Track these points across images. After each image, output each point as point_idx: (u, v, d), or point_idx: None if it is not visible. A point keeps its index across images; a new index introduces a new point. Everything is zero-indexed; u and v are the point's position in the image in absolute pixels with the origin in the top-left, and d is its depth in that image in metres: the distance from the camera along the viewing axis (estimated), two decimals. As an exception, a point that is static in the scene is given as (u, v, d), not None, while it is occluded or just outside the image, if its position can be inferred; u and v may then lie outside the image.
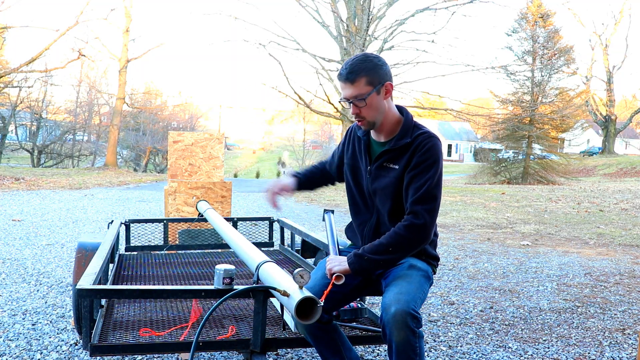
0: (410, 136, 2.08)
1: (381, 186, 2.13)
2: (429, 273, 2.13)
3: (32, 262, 5.36)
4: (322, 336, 2.16)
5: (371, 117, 2.08)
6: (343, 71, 2.06)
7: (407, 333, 1.84)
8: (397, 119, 2.14)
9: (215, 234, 4.19)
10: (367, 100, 2.04)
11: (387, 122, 2.12)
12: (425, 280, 2.07)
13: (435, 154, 2.05)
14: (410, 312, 1.85)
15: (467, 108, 22.12)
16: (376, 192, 2.16)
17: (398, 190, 2.09)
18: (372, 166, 2.17)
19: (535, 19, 27.82)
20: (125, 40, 26.80)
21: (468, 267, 5.57)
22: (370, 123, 2.10)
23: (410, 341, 1.84)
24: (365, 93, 2.03)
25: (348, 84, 2.05)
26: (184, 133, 5.48)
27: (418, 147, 2.05)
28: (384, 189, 2.12)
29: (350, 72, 2.03)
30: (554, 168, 26.87)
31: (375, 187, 2.15)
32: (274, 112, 52.52)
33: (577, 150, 43.06)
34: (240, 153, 62.38)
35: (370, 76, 2.03)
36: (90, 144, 35.53)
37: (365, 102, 2.04)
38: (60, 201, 11.10)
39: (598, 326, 3.71)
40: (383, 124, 2.12)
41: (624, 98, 55.41)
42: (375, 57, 2.07)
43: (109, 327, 2.32)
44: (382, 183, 2.13)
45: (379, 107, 2.07)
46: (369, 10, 18.22)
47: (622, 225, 8.90)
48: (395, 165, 2.10)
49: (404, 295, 1.90)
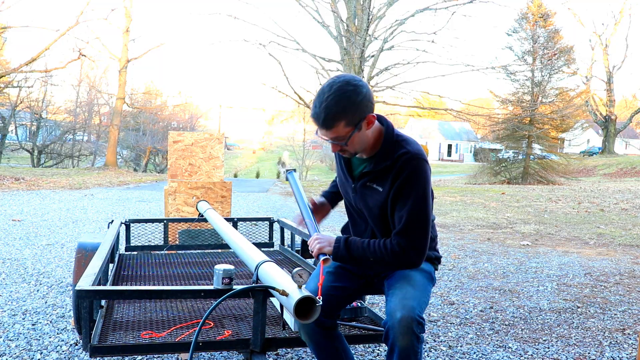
0: (392, 157, 1.91)
1: (368, 206, 2.03)
2: (432, 274, 2.11)
3: (32, 262, 5.36)
4: (324, 345, 2.11)
5: (354, 151, 1.94)
6: (317, 115, 1.83)
7: (411, 339, 1.82)
8: (378, 136, 1.95)
9: (215, 234, 4.19)
10: (348, 142, 1.88)
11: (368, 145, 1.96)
12: (429, 282, 2.06)
13: (417, 179, 1.88)
14: (416, 318, 1.82)
15: (467, 108, 22.14)
16: (364, 210, 2.06)
17: (385, 211, 1.98)
18: (356, 184, 2.04)
19: (535, 19, 27.84)
20: (125, 40, 26.82)
21: (468, 267, 5.57)
22: (353, 154, 1.97)
23: (414, 346, 1.84)
24: (347, 135, 1.85)
25: (324, 129, 1.85)
26: (184, 133, 5.48)
27: (400, 171, 1.89)
28: (371, 209, 2.02)
29: (326, 119, 1.82)
30: (554, 168, 26.88)
31: (363, 206, 2.05)
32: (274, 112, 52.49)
33: (577, 150, 43.06)
34: (240, 153, 62.40)
35: (348, 117, 1.81)
36: (90, 144, 35.56)
37: (346, 143, 1.88)
38: (60, 201, 11.10)
39: (598, 326, 3.71)
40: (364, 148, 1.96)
41: (624, 98, 55.45)
42: (352, 90, 1.81)
43: (109, 327, 2.32)
44: (368, 203, 2.02)
45: (362, 141, 1.91)
46: (369, 10, 18.23)
47: (622, 225, 8.90)
48: (379, 187, 1.96)
49: (409, 300, 1.87)
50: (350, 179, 2.07)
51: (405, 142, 1.94)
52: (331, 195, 2.39)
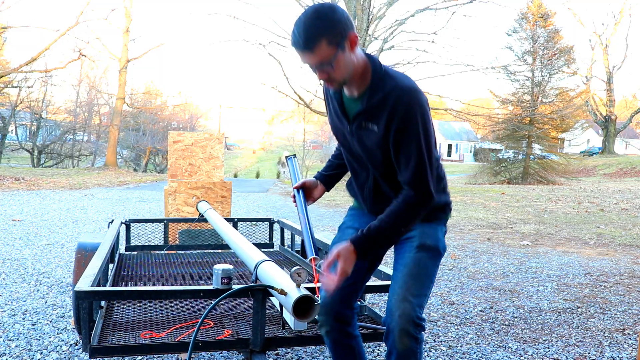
0: (383, 90, 1.82)
1: (367, 148, 1.91)
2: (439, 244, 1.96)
3: (32, 262, 5.36)
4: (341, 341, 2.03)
5: (341, 77, 1.83)
6: (297, 40, 1.77)
7: (410, 341, 1.79)
8: (364, 67, 1.86)
9: (215, 235, 4.19)
10: (334, 64, 1.77)
11: (355, 74, 1.85)
12: (434, 263, 1.94)
13: (414, 116, 1.77)
14: (413, 320, 1.78)
15: (467, 108, 22.14)
16: (363, 154, 1.94)
17: (385, 152, 1.87)
18: (352, 127, 1.93)
19: (535, 19, 27.85)
20: (125, 40, 26.83)
21: (468, 267, 5.57)
22: (340, 83, 1.86)
23: (412, 348, 1.80)
24: (331, 56, 1.75)
25: (307, 52, 1.77)
26: (184, 133, 5.48)
27: (394, 110, 1.79)
28: (371, 152, 1.91)
29: (307, 40, 1.74)
30: (554, 168, 26.89)
31: (361, 149, 1.94)
32: (274, 112, 52.56)
33: (577, 150, 43.07)
34: (240, 153, 62.40)
35: (329, 36, 1.73)
36: (90, 144, 35.57)
37: (332, 65, 1.78)
38: (60, 201, 11.10)
39: (598, 326, 3.71)
40: (352, 76, 1.85)
41: (624, 98, 55.44)
42: (328, 8, 1.76)
43: (109, 328, 2.32)
44: (366, 144, 1.91)
45: (348, 64, 1.80)
46: (369, 10, 18.24)
47: (622, 225, 8.90)
48: (374, 126, 1.86)
49: (408, 297, 1.82)
50: (346, 121, 1.96)
51: (395, 75, 1.85)
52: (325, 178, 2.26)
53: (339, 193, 13.68)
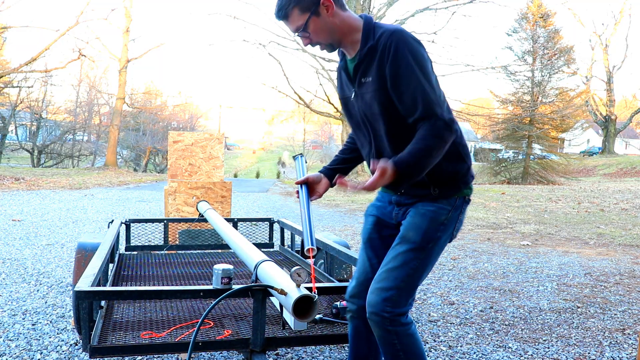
0: (373, 39, 1.86)
1: (367, 106, 1.92)
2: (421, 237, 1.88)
3: (32, 262, 5.36)
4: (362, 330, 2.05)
5: (325, 39, 1.92)
6: (275, 10, 1.93)
7: (379, 331, 1.84)
8: (356, 27, 1.92)
9: (215, 235, 4.19)
10: (309, 28, 1.88)
11: (348, 35, 1.92)
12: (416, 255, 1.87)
13: (402, 50, 1.79)
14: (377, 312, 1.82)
15: (467, 108, 22.15)
16: (366, 115, 1.95)
17: (383, 106, 1.87)
18: (356, 89, 1.96)
19: (535, 19, 27.83)
20: (125, 40, 26.84)
21: (468, 267, 5.57)
22: (328, 45, 1.95)
23: (385, 338, 1.84)
24: (304, 22, 1.88)
25: (284, 21, 1.93)
26: (184, 133, 5.48)
27: (384, 52, 1.81)
28: (370, 108, 1.91)
29: (280, 9, 1.90)
30: (554, 168, 26.88)
31: (364, 110, 1.94)
32: (274, 112, 52.57)
33: (577, 150, 43.06)
34: (240, 153, 62.39)
35: (300, 4, 1.86)
36: (90, 144, 35.57)
37: (308, 29, 1.89)
38: (60, 201, 11.10)
39: (598, 326, 3.71)
40: (344, 39, 1.93)
41: (624, 98, 55.42)
42: None
43: (109, 327, 2.32)
44: (366, 102, 1.92)
45: (326, 27, 1.89)
46: (369, 10, 18.24)
47: (622, 225, 8.90)
48: (369, 77, 1.88)
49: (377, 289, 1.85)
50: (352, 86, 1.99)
51: (383, 25, 1.91)
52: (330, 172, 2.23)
53: (339, 193, 13.68)
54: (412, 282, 1.87)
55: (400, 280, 1.85)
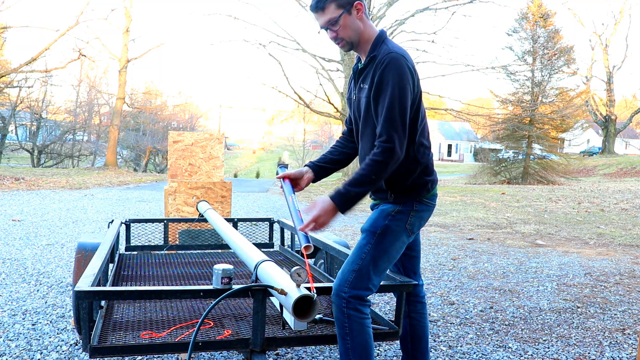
0: (377, 53, 2.09)
1: (358, 108, 2.17)
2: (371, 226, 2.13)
3: (32, 262, 5.36)
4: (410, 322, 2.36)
5: (348, 37, 2.13)
6: (312, 2, 2.12)
7: (337, 312, 2.07)
8: (372, 37, 2.16)
9: (215, 235, 4.19)
10: (340, 23, 2.09)
11: (364, 42, 2.15)
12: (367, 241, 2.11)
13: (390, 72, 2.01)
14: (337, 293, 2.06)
15: (467, 108, 22.16)
16: (356, 116, 2.21)
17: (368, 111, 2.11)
18: (355, 91, 2.21)
19: (535, 19, 27.80)
20: (125, 40, 26.81)
21: (468, 267, 5.57)
22: (348, 43, 2.15)
23: (340, 319, 2.06)
24: (337, 16, 2.08)
25: (319, 12, 2.11)
26: (184, 133, 5.48)
27: (378, 64, 2.05)
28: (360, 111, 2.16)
29: (319, 1, 2.09)
30: (554, 168, 26.85)
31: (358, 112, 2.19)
32: (274, 112, 52.57)
33: (577, 150, 43.05)
34: (240, 153, 62.41)
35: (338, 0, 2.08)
36: (90, 144, 35.55)
37: (338, 24, 2.09)
38: (60, 201, 11.10)
39: (598, 326, 3.71)
40: (361, 43, 2.15)
41: (624, 98, 55.34)
42: None
43: (109, 327, 2.32)
44: (359, 105, 2.16)
45: (353, 26, 2.11)
46: (369, 10, 18.23)
47: (622, 225, 8.90)
48: (365, 84, 2.12)
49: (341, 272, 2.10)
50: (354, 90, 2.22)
51: (390, 44, 2.11)
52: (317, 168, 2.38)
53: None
54: (366, 265, 2.08)
55: (355, 263, 2.09)
